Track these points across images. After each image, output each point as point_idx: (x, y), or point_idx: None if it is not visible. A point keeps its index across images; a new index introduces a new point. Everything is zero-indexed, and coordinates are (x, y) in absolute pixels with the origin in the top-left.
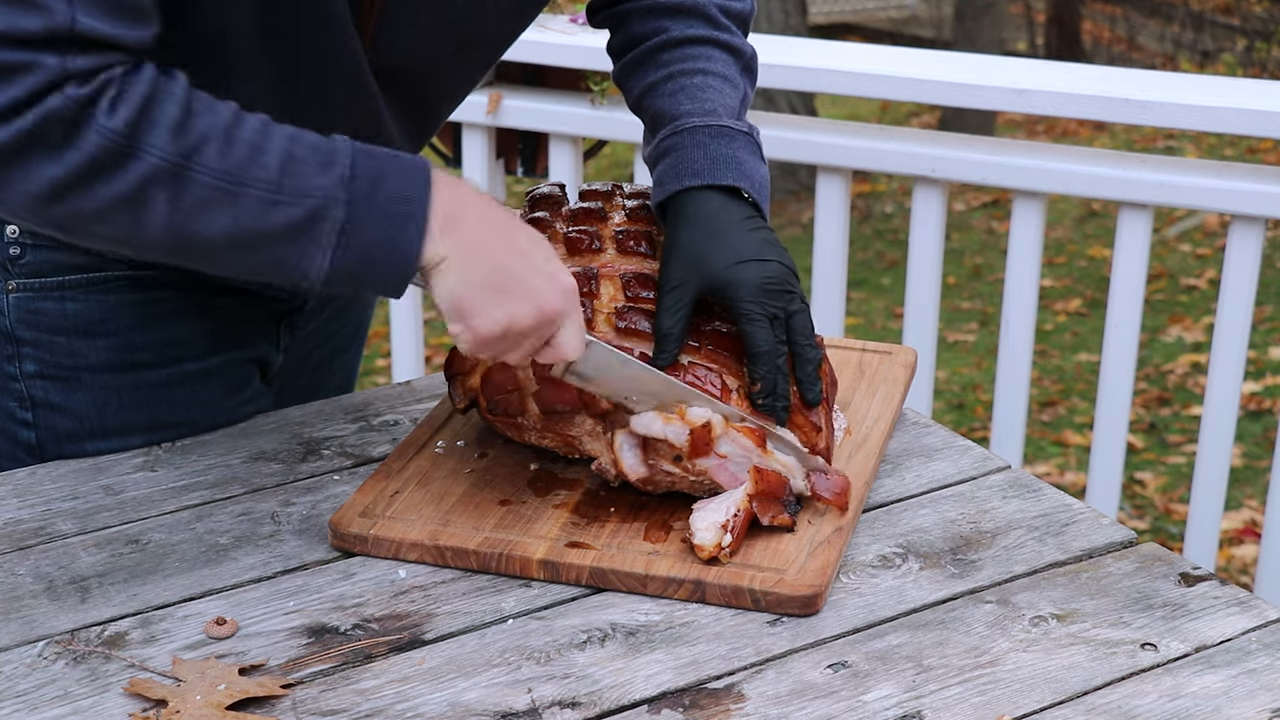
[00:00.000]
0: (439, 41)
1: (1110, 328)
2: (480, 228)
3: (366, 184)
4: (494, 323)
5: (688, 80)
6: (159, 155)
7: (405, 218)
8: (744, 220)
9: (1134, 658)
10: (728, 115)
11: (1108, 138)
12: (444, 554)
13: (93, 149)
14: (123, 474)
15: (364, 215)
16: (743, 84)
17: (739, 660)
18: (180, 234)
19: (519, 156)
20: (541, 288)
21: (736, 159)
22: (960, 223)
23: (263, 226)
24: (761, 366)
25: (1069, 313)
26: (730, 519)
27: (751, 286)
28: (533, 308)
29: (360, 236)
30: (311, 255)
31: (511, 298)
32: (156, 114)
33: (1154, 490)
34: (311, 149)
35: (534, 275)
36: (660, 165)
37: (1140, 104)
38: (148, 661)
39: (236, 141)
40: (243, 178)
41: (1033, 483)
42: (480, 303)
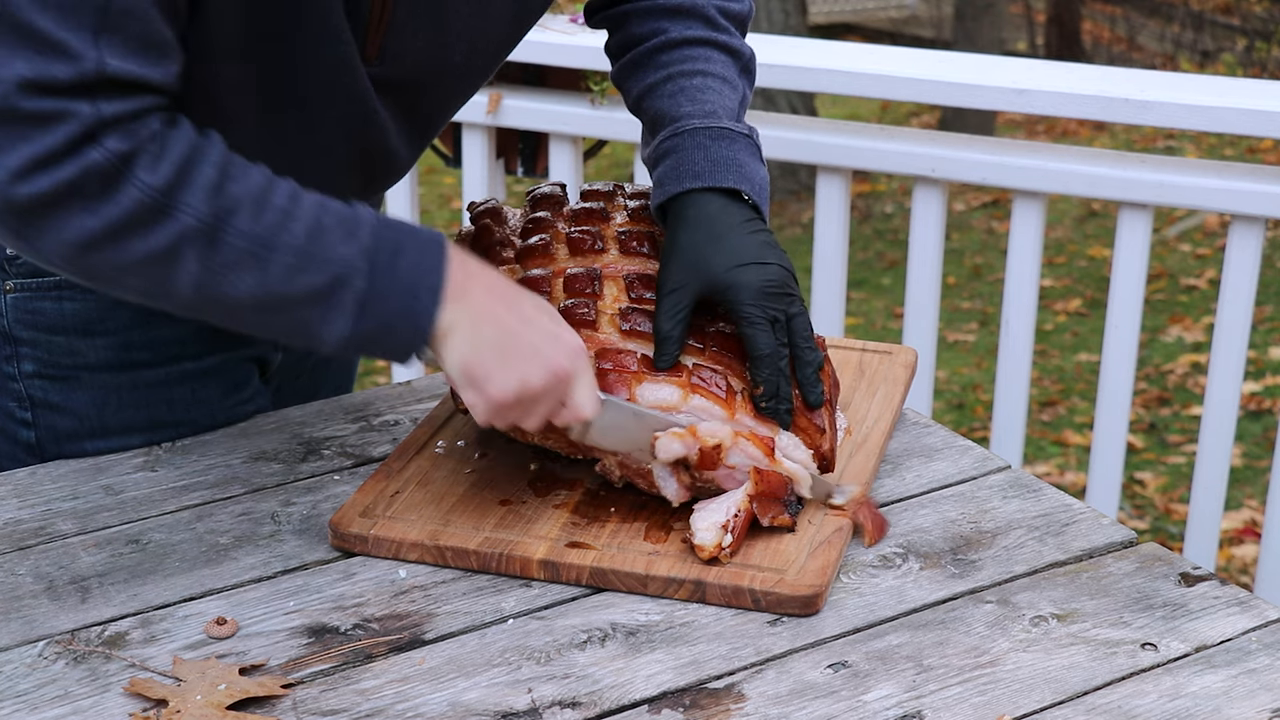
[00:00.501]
0: (446, 51)
1: (1110, 328)
2: (487, 296)
3: (387, 255)
4: (506, 387)
5: (687, 81)
6: (194, 215)
7: (422, 289)
8: (744, 223)
9: (1134, 658)
10: (727, 116)
11: (1108, 138)
12: (444, 554)
13: (130, 204)
14: (123, 474)
15: (384, 284)
16: (741, 85)
17: (739, 660)
18: (208, 292)
19: (519, 156)
20: (551, 350)
21: (737, 161)
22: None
23: (288, 290)
24: (764, 370)
25: (1069, 313)
26: (730, 519)
27: (752, 290)
28: (543, 370)
29: (380, 304)
30: (332, 321)
31: (521, 361)
32: (195, 174)
33: (1154, 490)
34: (338, 219)
35: (542, 339)
36: (660, 167)
37: (1140, 104)
38: (148, 661)
39: (268, 207)
40: (272, 243)
41: (1033, 483)
42: (491, 368)
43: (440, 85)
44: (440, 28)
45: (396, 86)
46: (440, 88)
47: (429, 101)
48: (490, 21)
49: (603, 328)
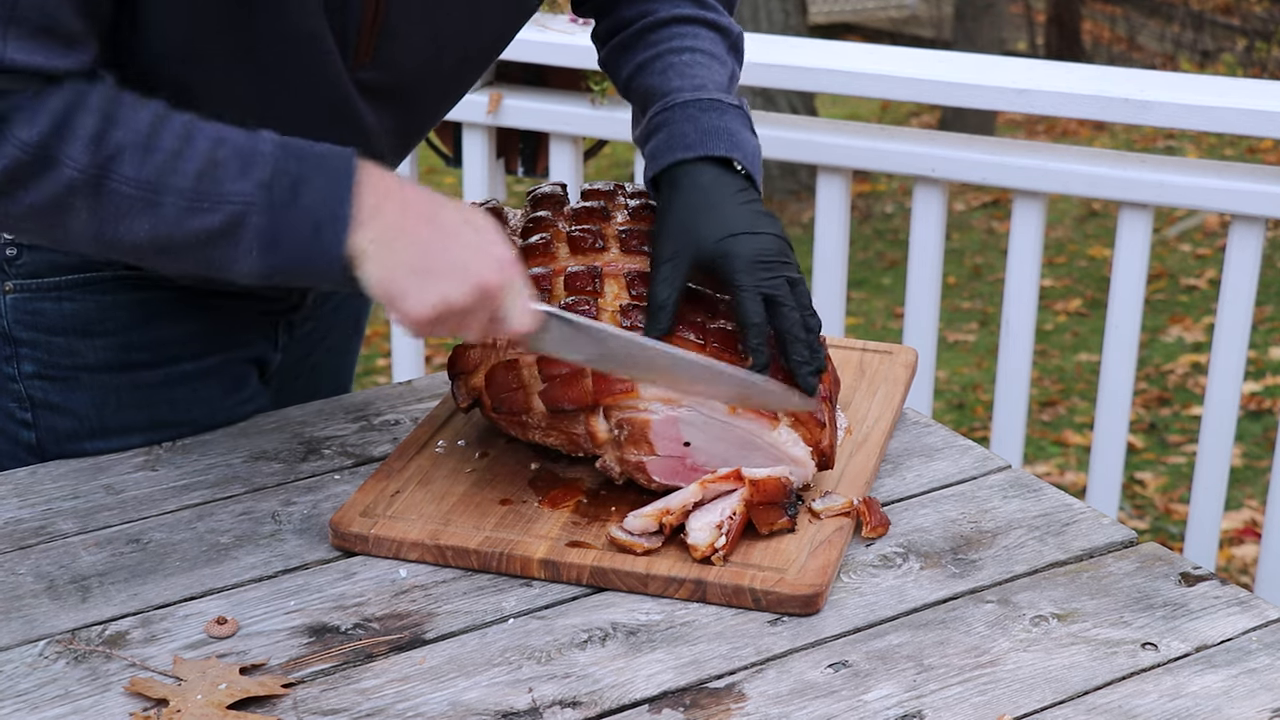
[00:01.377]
0: (438, 56)
1: (1110, 328)
2: (403, 214)
3: (286, 188)
4: (425, 304)
5: (676, 58)
6: (75, 167)
7: (325, 221)
8: (737, 193)
9: (1134, 657)
10: (717, 90)
11: (1108, 138)
12: (445, 553)
13: (8, 161)
14: (123, 473)
15: (285, 219)
16: (730, 61)
17: (740, 660)
18: (104, 238)
19: (519, 156)
20: (475, 263)
21: (728, 130)
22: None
23: (183, 232)
24: (754, 339)
25: (1069, 313)
26: (725, 520)
27: (744, 259)
28: (466, 285)
29: (282, 240)
30: (235, 258)
31: (440, 278)
32: (73, 126)
33: (1154, 490)
34: (234, 152)
35: (466, 252)
36: (652, 140)
37: (1140, 104)
38: (149, 661)
39: (155, 150)
40: (160, 185)
41: (1033, 482)
42: (407, 286)
43: (429, 90)
44: (432, 32)
45: (385, 91)
46: (429, 93)
47: (417, 107)
48: (482, 25)
49: None
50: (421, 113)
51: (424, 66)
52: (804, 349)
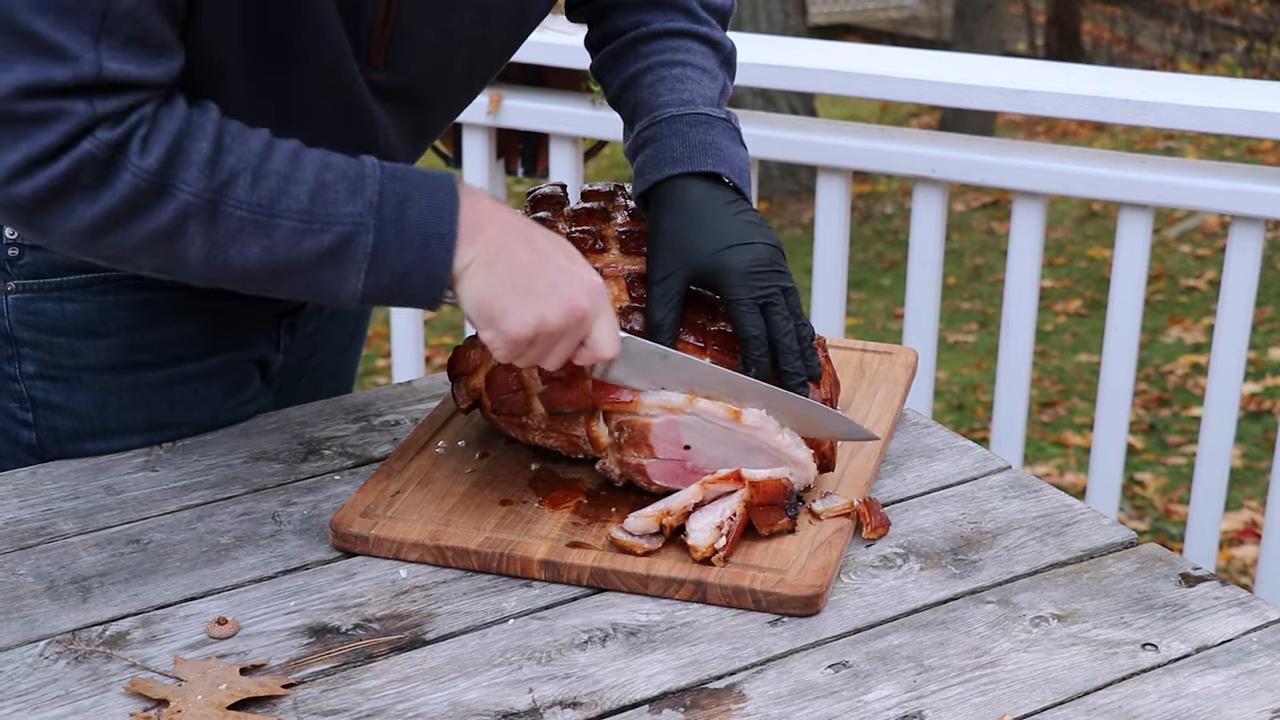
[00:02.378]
0: (449, 57)
1: (1110, 328)
2: (503, 234)
3: (394, 207)
4: (523, 324)
5: (666, 71)
6: (191, 192)
7: (434, 236)
8: (726, 205)
9: (1135, 658)
10: (706, 104)
11: (1108, 138)
12: (445, 554)
13: (126, 189)
14: (124, 474)
15: (394, 237)
16: (721, 76)
17: (740, 660)
18: (217, 263)
19: (519, 157)
20: (568, 287)
21: (715, 145)
22: (960, 223)
23: (294, 255)
24: (753, 351)
25: (1069, 313)
26: (725, 520)
27: (739, 272)
28: (562, 307)
29: (391, 258)
30: (344, 279)
31: (539, 298)
32: (188, 151)
33: (1154, 491)
34: (341, 175)
35: (560, 275)
36: (640, 156)
37: (1140, 104)
38: (149, 661)
39: (267, 174)
40: (274, 209)
41: (1033, 483)
42: (508, 304)
43: (441, 92)
44: (443, 35)
45: (398, 93)
46: (441, 95)
47: (429, 108)
48: (492, 29)
49: None
50: (433, 115)
51: (435, 69)
52: (795, 359)
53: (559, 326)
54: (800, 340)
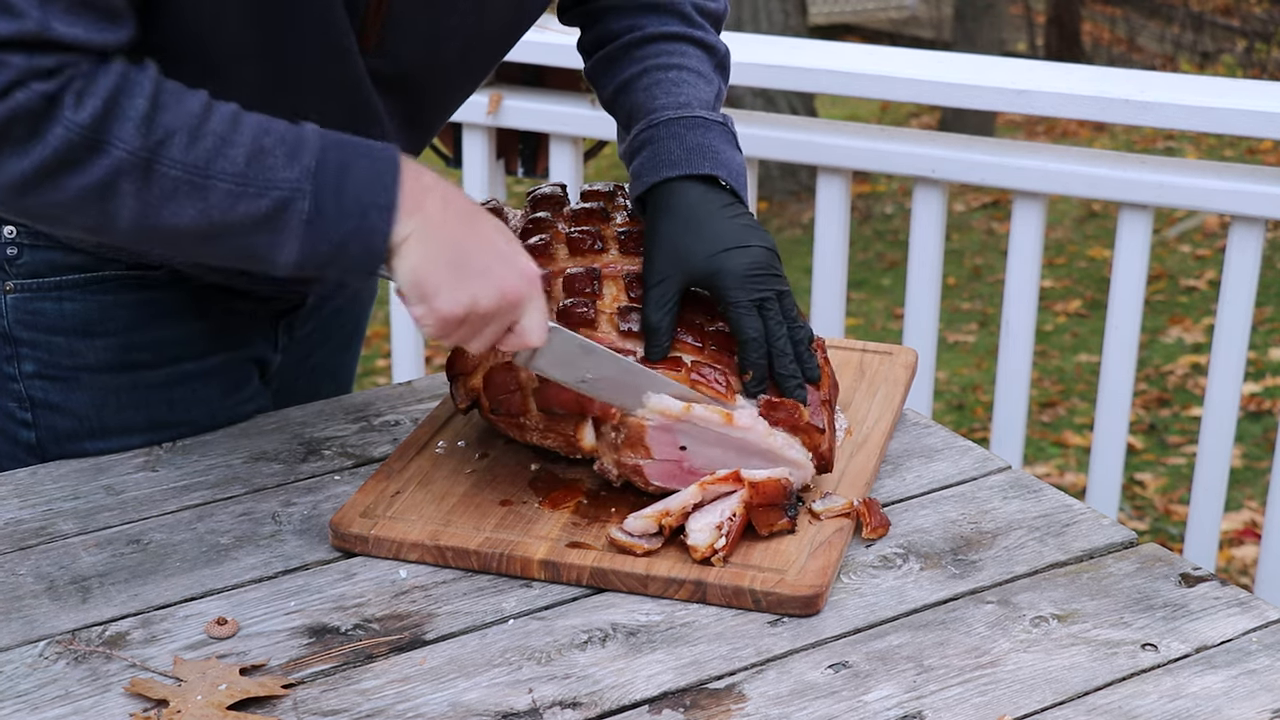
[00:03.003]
0: (443, 45)
1: (1110, 328)
2: (443, 210)
3: (333, 175)
4: (455, 302)
5: (662, 75)
6: (125, 149)
7: (372, 206)
8: (723, 208)
9: (1135, 658)
10: (701, 108)
11: (1107, 138)
12: (445, 554)
13: (58, 143)
14: (124, 474)
15: (331, 205)
16: (716, 80)
17: (740, 660)
18: (148, 224)
19: (519, 157)
20: (504, 271)
21: (712, 148)
22: (960, 223)
23: (229, 218)
24: (752, 353)
25: (1069, 313)
26: (725, 521)
27: (736, 275)
28: (495, 290)
29: (328, 226)
30: (279, 244)
31: (473, 278)
32: (124, 107)
33: (1154, 491)
34: (280, 140)
35: (496, 259)
36: (637, 159)
37: (1140, 105)
38: (149, 661)
39: (204, 134)
40: (209, 170)
41: (1033, 483)
42: (442, 281)
43: (436, 82)
44: (436, 22)
45: (393, 82)
46: (436, 85)
47: (425, 99)
48: (487, 19)
49: (602, 327)
50: (428, 106)
51: (427, 57)
52: (790, 362)
53: (490, 309)
54: (795, 343)
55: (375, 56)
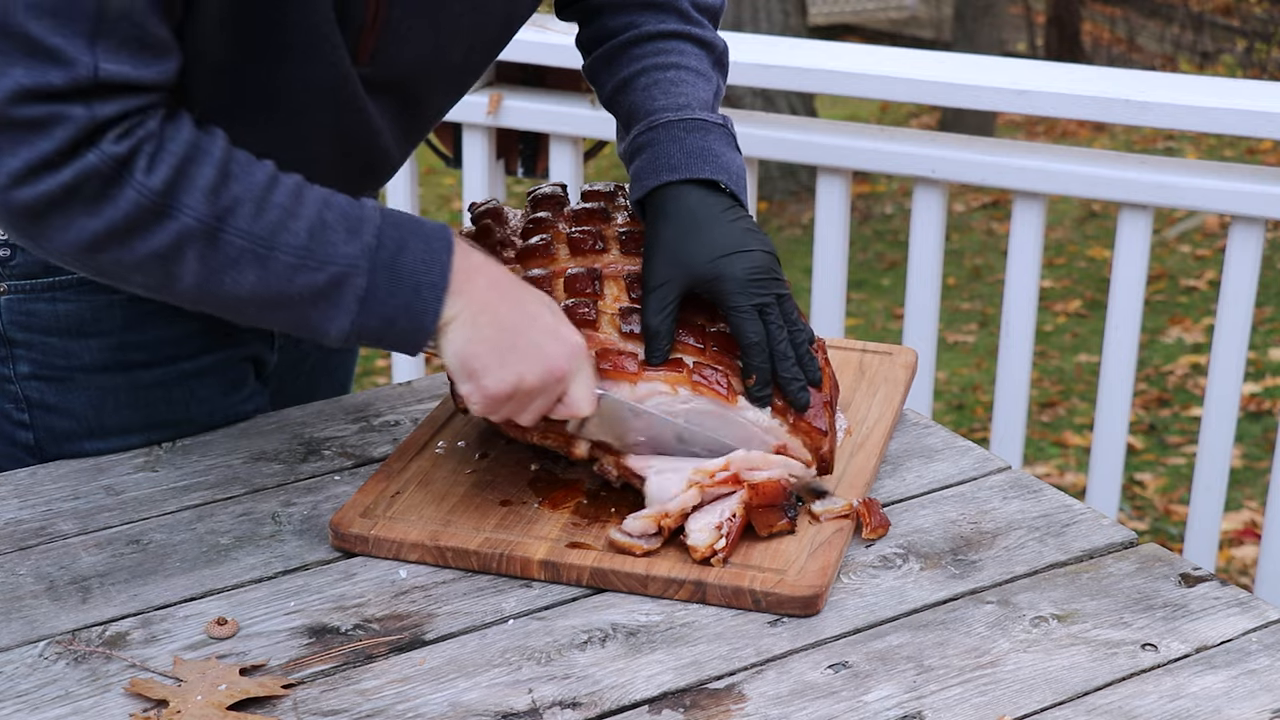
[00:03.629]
0: (442, 52)
1: (1110, 328)
2: (489, 290)
3: (390, 252)
4: (502, 381)
5: (660, 75)
6: (193, 216)
7: (425, 285)
8: (723, 212)
9: (1134, 658)
10: (701, 108)
11: (1107, 138)
12: (445, 554)
13: (129, 206)
14: (123, 474)
15: (386, 282)
16: (715, 77)
17: (739, 660)
18: (210, 289)
19: (519, 157)
20: (549, 348)
21: (712, 151)
22: (960, 224)
23: (288, 289)
24: (755, 358)
25: (1069, 314)
26: (725, 521)
27: (737, 279)
28: (540, 368)
29: (381, 302)
30: (333, 317)
31: (519, 357)
32: (194, 175)
33: (1154, 491)
34: (341, 216)
35: (542, 336)
36: (636, 161)
37: (1140, 105)
38: (149, 661)
39: (269, 206)
40: (273, 242)
41: (1033, 483)
42: (488, 361)
43: (434, 84)
44: (435, 27)
45: (390, 87)
46: (434, 87)
47: (423, 101)
48: (486, 18)
49: (603, 327)
50: (427, 108)
51: (427, 63)
52: (792, 365)
53: (536, 386)
54: (797, 346)
55: (372, 65)
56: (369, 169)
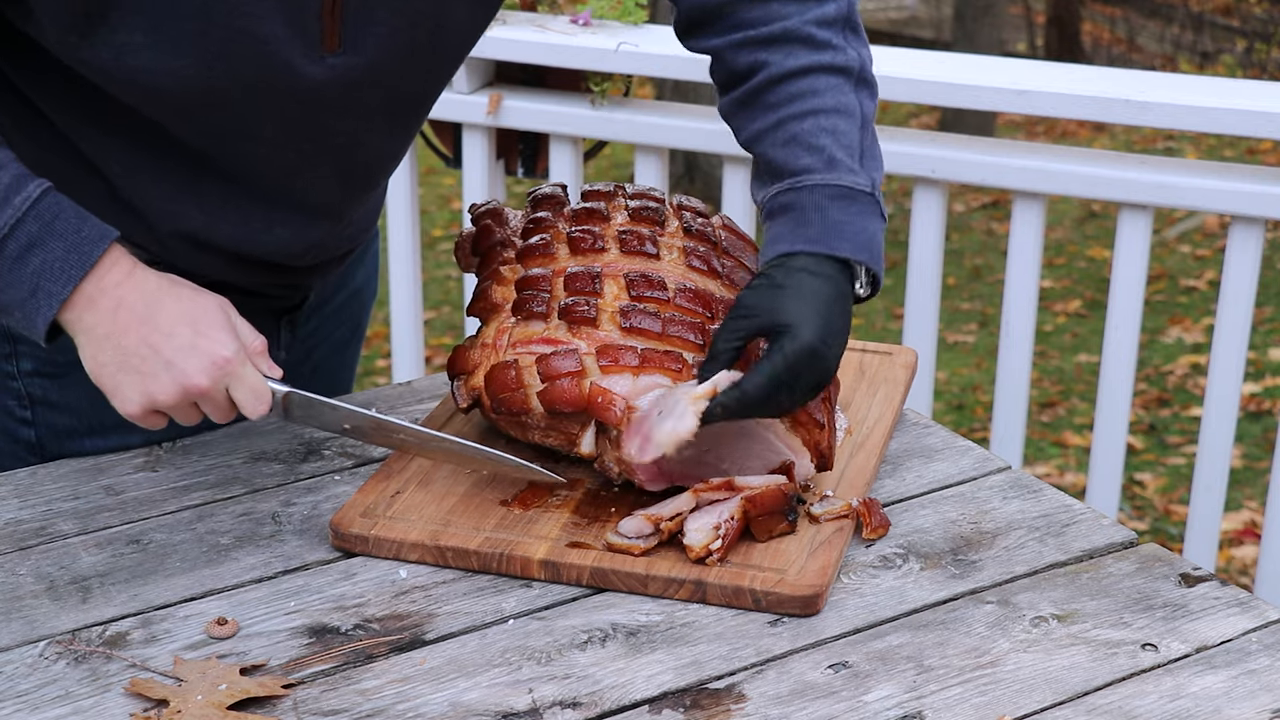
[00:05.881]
0: (411, 34)
1: (1110, 328)
2: (112, 315)
3: (19, 246)
4: (130, 402)
5: (798, 126)
6: None
7: (44, 291)
8: (836, 300)
9: (1135, 658)
10: (848, 160)
11: (1107, 139)
12: (445, 554)
13: None
14: (124, 474)
15: (6, 271)
16: (859, 104)
17: (740, 660)
18: None
19: (519, 157)
20: (183, 365)
21: (853, 226)
22: (960, 224)
23: None
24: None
25: (1069, 314)
26: (723, 522)
27: (803, 382)
28: (173, 387)
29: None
30: None
31: (144, 379)
32: None
33: (1154, 491)
34: None
35: (176, 354)
36: (776, 223)
37: (1140, 105)
38: (149, 661)
39: None
40: None
41: (1033, 483)
42: (117, 382)
43: (411, 67)
44: (399, 9)
45: (364, 74)
46: (412, 70)
47: (402, 85)
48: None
49: (603, 325)
50: (409, 92)
51: (399, 46)
52: None
53: (174, 402)
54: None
55: (341, 55)
56: (359, 168)
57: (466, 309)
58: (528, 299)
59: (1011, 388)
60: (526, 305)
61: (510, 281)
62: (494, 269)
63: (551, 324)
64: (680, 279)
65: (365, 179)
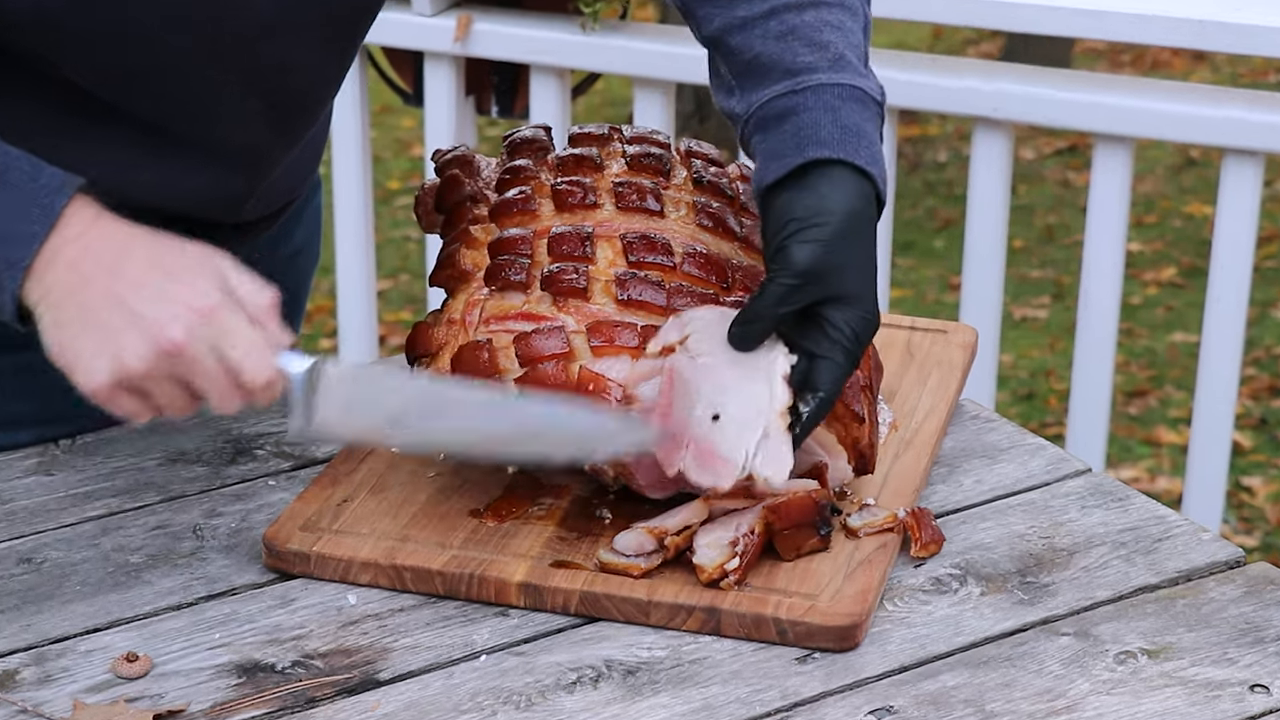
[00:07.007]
0: None
1: (1211, 301)
2: (73, 269)
3: None
4: (95, 371)
5: (797, 18)
6: None
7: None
8: (870, 238)
9: (1241, 702)
10: (857, 61)
11: (1207, 70)
12: (403, 575)
13: None
14: (11, 478)
15: None
16: (862, 9)
17: (761, 705)
18: None
19: (493, 93)
20: (156, 315)
21: (869, 136)
22: (1029, 173)
23: None
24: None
25: (1161, 283)
26: (740, 537)
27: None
28: (142, 343)
29: None
30: None
31: (112, 337)
32: None
33: (1264, 499)
34: None
35: (146, 304)
36: (771, 134)
37: (1244, 29)
38: (43, 706)
39: None
40: None
41: (1118, 489)
42: (79, 350)
43: (291, 43)
44: None
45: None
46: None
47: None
48: None
49: (595, 297)
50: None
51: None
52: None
53: (144, 368)
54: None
55: None
56: (295, 96)
57: (429, 278)
58: (503, 265)
59: (1092, 374)
60: (502, 273)
61: (482, 244)
62: (462, 229)
63: (532, 296)
64: (688, 241)
65: (300, 112)
